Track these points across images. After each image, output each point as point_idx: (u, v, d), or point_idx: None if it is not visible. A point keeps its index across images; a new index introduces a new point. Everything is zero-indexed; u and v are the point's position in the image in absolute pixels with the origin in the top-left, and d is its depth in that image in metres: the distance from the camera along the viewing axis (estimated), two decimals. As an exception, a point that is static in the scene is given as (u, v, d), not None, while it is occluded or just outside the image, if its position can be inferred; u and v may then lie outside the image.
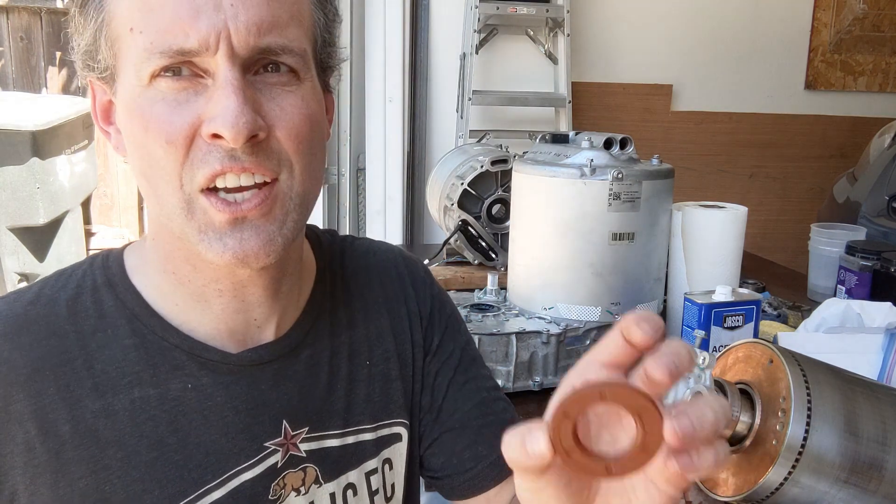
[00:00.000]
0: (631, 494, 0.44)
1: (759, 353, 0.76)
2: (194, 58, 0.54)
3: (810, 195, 3.22)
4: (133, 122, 0.57)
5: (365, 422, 0.72)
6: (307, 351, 0.69)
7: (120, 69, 0.58)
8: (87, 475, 0.58)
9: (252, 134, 0.54)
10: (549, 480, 0.42)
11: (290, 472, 0.66)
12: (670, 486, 0.41)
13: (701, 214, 1.37)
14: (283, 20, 0.57)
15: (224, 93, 0.54)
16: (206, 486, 0.62)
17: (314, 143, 0.60)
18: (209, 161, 0.55)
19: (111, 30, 0.57)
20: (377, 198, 2.85)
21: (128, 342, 0.62)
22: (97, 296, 0.63)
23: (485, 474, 0.77)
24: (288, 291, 0.68)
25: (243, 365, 0.65)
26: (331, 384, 0.70)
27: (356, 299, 0.75)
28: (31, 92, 3.89)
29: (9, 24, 3.96)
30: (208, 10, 0.53)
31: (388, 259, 0.81)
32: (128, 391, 0.60)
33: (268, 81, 0.57)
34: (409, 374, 0.77)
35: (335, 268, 0.76)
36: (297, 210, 0.60)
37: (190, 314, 0.64)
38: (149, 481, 0.60)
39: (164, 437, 0.61)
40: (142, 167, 0.58)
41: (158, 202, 0.58)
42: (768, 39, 3.12)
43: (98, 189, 4.01)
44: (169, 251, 0.63)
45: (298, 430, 0.67)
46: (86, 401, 0.59)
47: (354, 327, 0.74)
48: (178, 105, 0.55)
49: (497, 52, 2.85)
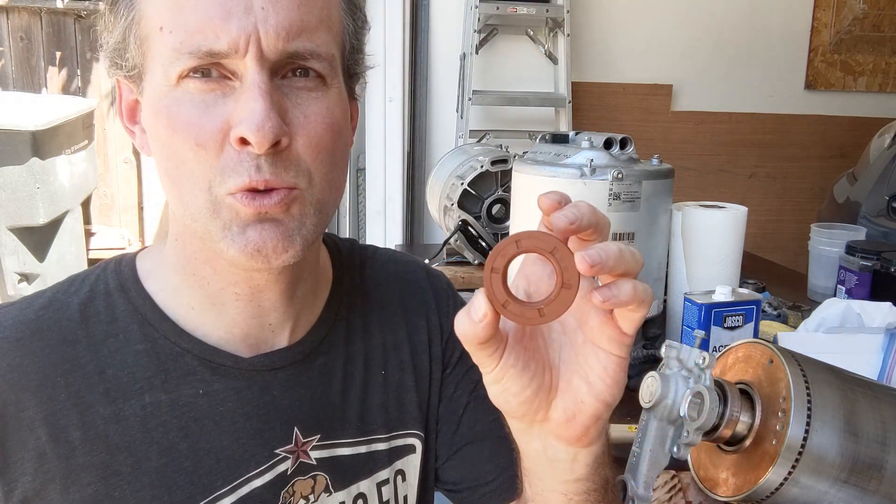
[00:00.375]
0: (585, 367, 0.49)
1: (759, 353, 0.76)
2: (223, 59, 0.54)
3: (810, 195, 3.22)
4: (159, 123, 0.57)
5: (378, 431, 0.71)
6: (321, 358, 0.69)
7: (147, 68, 0.58)
8: (97, 481, 0.58)
9: (276, 139, 0.54)
10: (506, 368, 0.48)
11: (300, 480, 0.66)
12: (614, 344, 0.47)
13: (701, 214, 1.37)
14: (313, 25, 0.56)
15: (251, 95, 0.54)
16: (216, 493, 0.61)
17: (335, 152, 0.60)
18: (240, 171, 0.55)
19: (141, 28, 0.57)
20: (377, 198, 2.85)
21: (139, 347, 0.62)
22: (109, 300, 0.63)
23: (506, 486, 0.75)
24: (303, 297, 0.68)
25: (255, 370, 0.65)
26: (344, 392, 0.69)
27: (374, 309, 0.75)
28: (31, 92, 3.89)
29: (9, 24, 3.96)
30: (239, 12, 0.53)
31: (410, 270, 0.80)
32: (139, 396, 0.60)
33: (295, 86, 0.57)
34: (425, 386, 0.76)
35: (354, 276, 0.75)
36: (315, 215, 0.59)
37: (204, 317, 0.64)
38: (158, 487, 0.59)
39: (175, 442, 0.61)
40: (167, 168, 0.58)
41: (183, 203, 0.58)
42: (768, 39, 3.12)
43: (98, 189, 4.01)
44: (191, 252, 0.63)
45: (309, 438, 0.67)
46: (97, 406, 0.59)
47: (370, 336, 0.73)
48: (207, 107, 0.55)
49: (497, 52, 2.85)
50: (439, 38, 2.82)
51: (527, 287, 0.50)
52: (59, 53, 4.05)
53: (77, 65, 4.09)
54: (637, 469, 0.66)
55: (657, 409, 0.66)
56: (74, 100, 3.64)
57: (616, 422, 1.09)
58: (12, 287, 3.23)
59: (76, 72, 4.09)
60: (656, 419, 0.66)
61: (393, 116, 2.79)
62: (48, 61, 4.05)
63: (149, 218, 4.27)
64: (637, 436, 0.68)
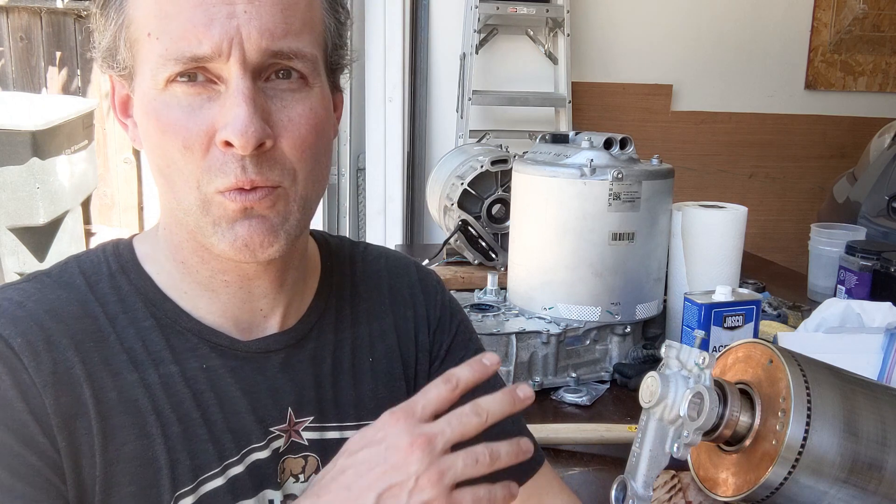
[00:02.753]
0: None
1: (758, 353, 0.76)
2: (207, 64, 0.56)
3: (810, 195, 3.22)
4: (149, 124, 0.60)
5: (370, 417, 0.73)
6: (312, 344, 0.71)
7: (137, 70, 0.60)
8: (132, 440, 0.60)
9: (260, 142, 0.57)
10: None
11: (290, 458, 0.68)
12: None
13: (701, 214, 1.37)
14: (296, 27, 0.59)
15: (235, 101, 0.56)
16: (228, 461, 0.64)
17: (318, 150, 0.62)
18: (226, 172, 0.58)
19: (130, 32, 0.59)
20: (377, 198, 2.85)
21: (146, 324, 0.64)
22: (114, 282, 0.66)
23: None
24: (293, 285, 0.70)
25: (250, 352, 0.67)
26: (335, 377, 0.72)
27: (362, 299, 0.77)
28: (31, 92, 3.89)
29: (9, 24, 3.96)
30: (221, 18, 0.55)
31: (400, 266, 0.82)
32: (155, 367, 0.63)
33: (278, 88, 0.59)
34: (412, 375, 0.78)
35: (343, 268, 0.78)
36: (299, 211, 0.62)
37: (198, 301, 0.66)
38: (181, 451, 0.62)
39: (189, 411, 0.63)
40: (159, 165, 0.61)
41: (176, 198, 0.61)
42: (768, 39, 3.12)
43: (98, 189, 4.01)
44: (178, 242, 0.65)
45: (302, 419, 0.69)
46: (124, 373, 0.62)
47: (358, 324, 0.76)
48: (193, 111, 0.57)
49: (497, 52, 2.85)
50: (439, 38, 2.82)
51: None
52: (59, 53, 4.05)
53: (77, 65, 4.09)
54: (637, 469, 0.66)
55: (657, 409, 0.66)
56: (74, 100, 3.65)
57: (616, 422, 1.09)
58: (12, 287, 3.23)
59: (76, 72, 4.09)
60: (656, 419, 0.67)
61: (393, 116, 2.79)
62: (48, 61, 4.05)
63: (149, 218, 4.27)
64: (637, 436, 0.68)
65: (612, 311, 1.24)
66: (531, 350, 1.20)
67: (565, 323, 1.23)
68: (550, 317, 1.25)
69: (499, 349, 1.18)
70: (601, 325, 1.25)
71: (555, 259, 1.25)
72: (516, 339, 1.18)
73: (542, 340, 1.20)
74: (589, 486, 0.96)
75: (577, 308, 1.24)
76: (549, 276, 1.26)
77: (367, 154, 2.84)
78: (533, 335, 1.20)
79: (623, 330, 1.26)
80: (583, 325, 1.24)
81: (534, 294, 1.28)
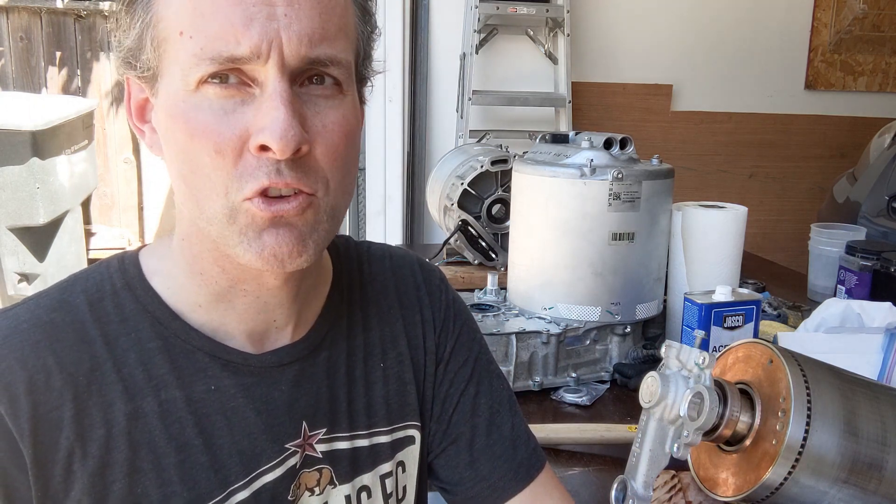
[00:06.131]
0: None
1: (759, 353, 0.76)
2: (244, 65, 0.54)
3: (810, 195, 3.22)
4: (176, 127, 0.57)
5: (381, 423, 0.73)
6: (325, 353, 0.70)
7: (163, 71, 0.57)
8: (121, 478, 0.59)
9: (298, 147, 0.54)
10: None
11: (306, 472, 0.67)
12: None
13: (701, 214, 1.37)
14: (332, 32, 0.57)
15: (273, 104, 0.54)
16: (232, 487, 0.62)
17: (349, 159, 0.61)
18: (258, 176, 0.55)
19: (158, 31, 0.57)
20: (377, 198, 2.85)
21: (151, 345, 0.62)
22: (117, 300, 0.63)
23: (484, 496, 0.77)
24: (306, 294, 0.69)
25: (263, 367, 0.66)
26: (349, 385, 0.71)
27: (371, 303, 0.76)
28: (31, 92, 3.89)
29: (9, 24, 3.97)
30: (261, 18, 0.53)
31: (405, 265, 0.81)
32: (155, 394, 0.61)
33: (313, 93, 0.57)
34: (421, 378, 0.77)
35: (352, 272, 0.77)
36: (328, 221, 0.60)
37: (212, 314, 0.64)
38: (178, 483, 0.60)
39: (191, 438, 0.61)
40: (182, 172, 0.58)
41: (198, 206, 0.58)
42: (768, 39, 3.12)
43: (98, 189, 4.01)
44: (198, 252, 0.63)
45: (315, 431, 0.68)
46: (117, 404, 0.60)
47: (369, 330, 0.74)
48: (225, 114, 0.55)
49: (497, 52, 2.85)
50: (439, 38, 2.82)
51: None
52: (59, 53, 4.05)
53: (77, 65, 4.09)
54: (637, 469, 0.66)
55: (657, 409, 0.66)
56: (74, 100, 3.64)
57: (616, 422, 1.09)
58: (12, 287, 3.24)
59: (76, 72, 4.09)
60: (656, 419, 0.67)
61: (393, 116, 2.79)
62: (48, 61, 4.05)
63: (149, 218, 4.28)
64: (637, 436, 0.68)
65: (612, 311, 1.24)
66: (531, 350, 1.20)
67: (565, 323, 1.23)
68: (550, 317, 1.25)
69: (499, 349, 1.18)
70: (601, 325, 1.25)
71: (555, 259, 1.25)
72: (516, 339, 1.18)
73: (542, 340, 1.20)
74: (589, 486, 0.96)
75: (577, 308, 1.24)
76: (548, 276, 1.26)
77: (367, 154, 2.84)
78: (533, 335, 1.20)
79: (623, 330, 1.26)
80: (583, 325, 1.24)
81: (534, 294, 1.28)
